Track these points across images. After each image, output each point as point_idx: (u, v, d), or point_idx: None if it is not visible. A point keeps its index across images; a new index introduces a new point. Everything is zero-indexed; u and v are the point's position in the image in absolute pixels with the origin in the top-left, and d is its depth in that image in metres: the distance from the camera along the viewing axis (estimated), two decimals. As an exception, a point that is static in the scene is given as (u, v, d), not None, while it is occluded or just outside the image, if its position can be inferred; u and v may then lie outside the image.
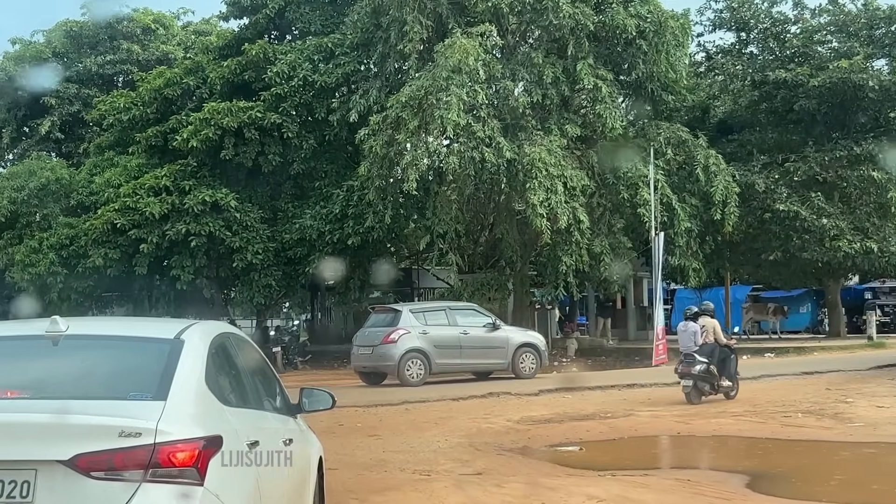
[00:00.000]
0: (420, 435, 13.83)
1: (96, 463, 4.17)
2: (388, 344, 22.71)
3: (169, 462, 4.26)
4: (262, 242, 32.50)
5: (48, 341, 4.97)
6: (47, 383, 4.87)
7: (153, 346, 5.13)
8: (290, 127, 32.46)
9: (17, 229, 35.78)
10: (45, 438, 4.23)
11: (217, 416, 4.84)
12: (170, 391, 4.59)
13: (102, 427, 4.25)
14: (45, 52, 42.89)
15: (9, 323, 7.25)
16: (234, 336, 6.13)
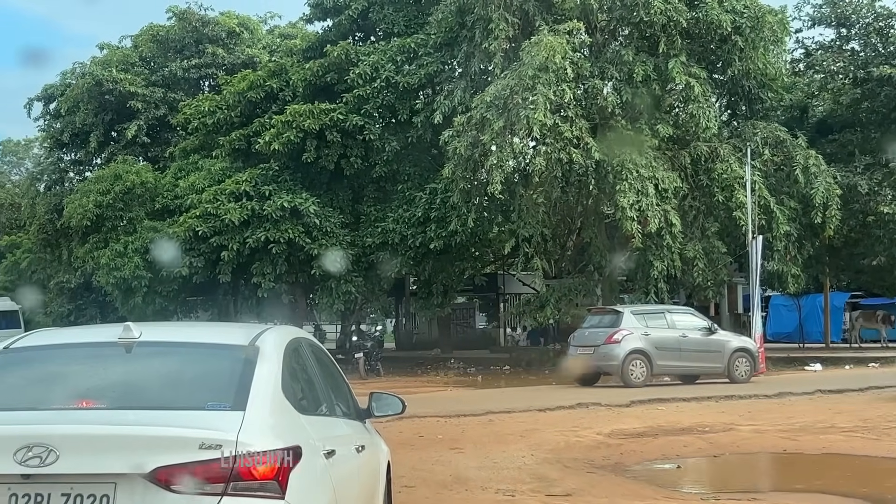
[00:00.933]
0: (504, 449, 12.97)
1: (176, 476, 4.08)
2: (611, 344, 22.79)
3: (250, 475, 4.16)
4: (342, 249, 31.95)
5: (121, 348, 4.91)
6: (122, 392, 4.79)
7: (228, 353, 5.01)
8: (373, 129, 31.91)
9: (102, 233, 35.93)
10: (124, 451, 4.12)
11: (294, 425, 4.73)
12: (248, 401, 4.48)
13: (182, 439, 4.15)
14: (132, 57, 43.10)
15: (82, 328, 7.33)
16: (304, 340, 5.98)
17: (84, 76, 41.71)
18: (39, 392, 4.82)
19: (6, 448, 4.07)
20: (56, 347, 5.34)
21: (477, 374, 30.24)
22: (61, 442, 4.08)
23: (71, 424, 4.29)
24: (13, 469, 4.05)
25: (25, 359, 5.15)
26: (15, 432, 4.17)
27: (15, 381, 4.97)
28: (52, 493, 4.09)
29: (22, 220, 50.59)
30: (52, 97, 43.75)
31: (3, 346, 5.23)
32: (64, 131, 42.72)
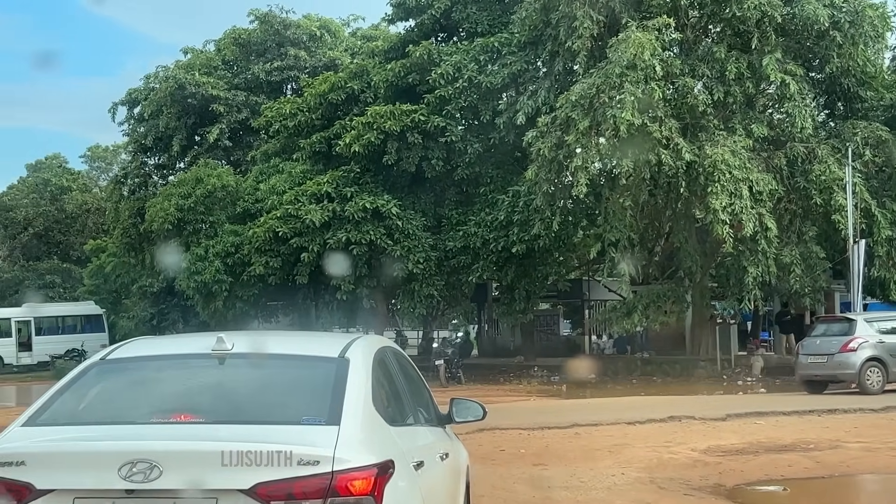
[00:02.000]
0: (592, 466, 12.08)
1: (276, 492, 4.12)
2: (847, 352, 22.45)
3: (347, 491, 4.19)
4: (424, 251, 31.33)
5: (214, 360, 4.96)
6: (218, 406, 4.86)
7: (319, 366, 5.08)
8: (455, 130, 31.22)
9: (184, 237, 35.87)
10: (225, 467, 4.12)
11: (386, 438, 4.78)
12: (342, 415, 4.51)
13: (281, 455, 4.15)
14: (215, 60, 43.16)
15: (175, 338, 7.56)
16: (389, 349, 6.04)
17: (167, 80, 41.85)
18: (138, 405, 4.89)
19: (111, 463, 4.11)
20: (150, 359, 5.41)
21: (561, 383, 29.32)
22: (164, 458, 4.12)
23: (173, 440, 4.33)
24: (118, 484, 4.10)
25: (122, 370, 5.21)
26: (120, 448, 4.22)
27: (113, 393, 5.07)
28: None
29: (107, 225, 51.07)
30: (136, 101, 44.02)
31: (99, 358, 5.28)
32: (147, 135, 42.95)
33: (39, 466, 4.21)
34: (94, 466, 4.17)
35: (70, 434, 4.47)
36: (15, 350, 47.35)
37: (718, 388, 25.48)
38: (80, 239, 58.60)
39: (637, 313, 28.09)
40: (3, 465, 4.21)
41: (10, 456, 4.24)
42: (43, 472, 4.19)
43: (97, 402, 4.93)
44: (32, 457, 4.25)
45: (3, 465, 4.21)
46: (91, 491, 4.15)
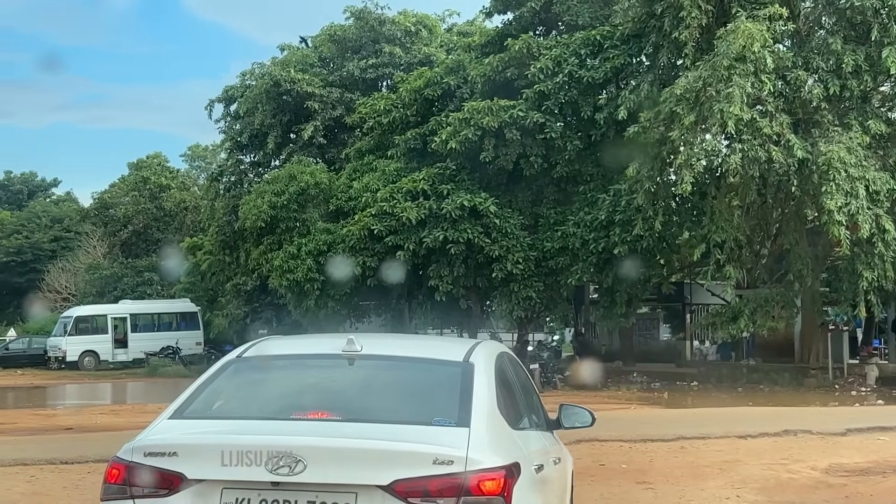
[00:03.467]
0: (701, 486, 11.00)
1: (413, 489, 4.28)
2: None
3: (479, 491, 4.34)
4: (522, 251, 30.40)
5: (344, 361, 5.20)
6: (352, 404, 5.06)
7: (445, 369, 5.26)
8: (554, 127, 30.20)
9: (276, 234, 35.61)
10: (365, 463, 4.33)
11: (511, 442, 4.94)
12: (471, 417, 4.68)
13: (418, 454, 4.36)
14: (311, 57, 42.87)
15: (304, 339, 7.66)
16: (506, 354, 6.13)
17: (263, 77, 41.67)
18: (276, 402, 5.14)
19: (258, 457, 4.31)
20: (284, 358, 5.67)
21: (662, 390, 28.08)
22: (308, 453, 4.32)
23: (317, 437, 4.51)
24: (264, 477, 4.30)
25: (257, 368, 5.48)
26: (267, 442, 4.40)
27: (251, 389, 5.34)
28: (299, 500, 4.35)
29: (203, 223, 51.25)
30: (232, 99, 43.98)
31: (235, 356, 5.53)
32: (243, 132, 42.86)
33: (190, 457, 4.44)
34: (242, 459, 4.35)
35: (217, 427, 4.78)
36: (111, 347, 47.70)
37: (832, 399, 24.05)
38: (178, 237, 58.98)
39: (744, 318, 26.73)
40: (157, 456, 4.44)
41: (163, 447, 4.48)
42: (194, 462, 4.42)
43: (237, 397, 5.23)
44: (184, 448, 4.49)
45: (157, 456, 4.44)
46: (239, 482, 4.37)
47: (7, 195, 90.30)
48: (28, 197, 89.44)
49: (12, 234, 74.50)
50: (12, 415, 21.82)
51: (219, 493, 4.39)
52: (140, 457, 4.49)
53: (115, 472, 4.58)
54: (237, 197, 41.36)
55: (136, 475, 4.47)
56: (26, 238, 73.34)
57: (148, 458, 4.46)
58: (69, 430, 17.55)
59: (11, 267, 72.27)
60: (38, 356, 48.46)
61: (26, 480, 10.87)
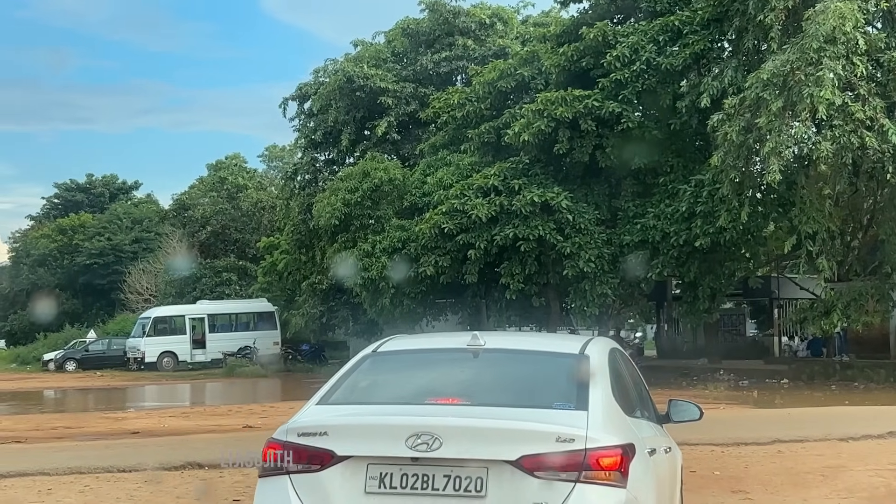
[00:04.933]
0: (804, 495, 10.03)
1: (538, 464, 4.65)
2: None
3: (598, 466, 4.69)
4: (596, 248, 29.38)
5: (470, 354, 5.64)
6: (479, 392, 5.46)
7: (563, 361, 5.62)
8: (631, 116, 29.17)
9: (350, 232, 35.13)
10: (495, 441, 4.75)
11: (625, 425, 5.26)
12: (588, 402, 5.06)
13: (542, 433, 4.77)
14: (384, 52, 42.40)
15: (431, 336, 8.45)
16: (617, 350, 6.41)
17: (336, 73, 41.30)
18: (411, 389, 5.58)
19: (399, 435, 4.73)
20: (414, 352, 6.25)
21: (751, 389, 26.93)
22: (444, 432, 4.72)
23: (451, 417, 4.92)
24: (405, 453, 4.71)
25: (391, 361, 5.95)
26: (407, 422, 4.84)
27: (387, 379, 5.75)
28: (436, 475, 4.74)
29: (279, 222, 51.16)
30: (306, 96, 43.73)
31: (371, 351, 6.02)
32: (317, 130, 42.61)
33: (339, 436, 4.87)
34: (384, 437, 4.83)
35: (360, 411, 5.23)
36: (189, 347, 47.79)
37: (932, 397, 22.65)
38: (256, 236, 59.08)
39: (836, 313, 25.52)
40: (309, 436, 4.90)
41: (314, 427, 4.94)
42: (342, 441, 4.85)
43: (375, 386, 5.65)
44: (333, 428, 4.93)
45: (309, 436, 4.90)
46: (382, 458, 4.79)
47: (89, 198, 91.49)
48: (109, 199, 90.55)
49: (94, 237, 75.45)
50: (81, 418, 21.55)
51: (364, 467, 4.82)
52: (294, 437, 4.95)
53: (272, 451, 5.01)
54: (312, 195, 41.05)
55: (291, 453, 4.92)
56: (108, 240, 74.19)
57: (301, 438, 4.92)
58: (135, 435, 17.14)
59: (94, 269, 73.16)
60: (118, 357, 48.78)
61: (79, 491, 10.34)
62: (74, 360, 49.87)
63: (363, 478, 4.80)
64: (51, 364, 50.19)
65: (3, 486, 10.58)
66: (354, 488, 4.80)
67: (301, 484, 4.87)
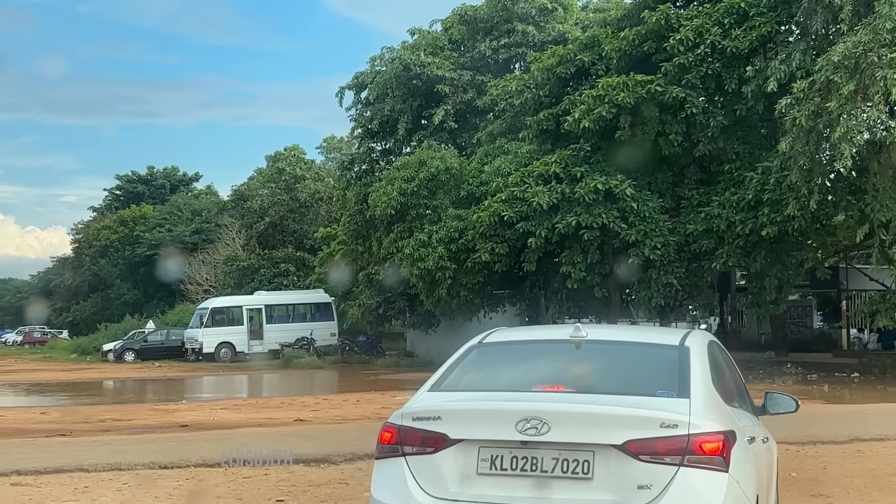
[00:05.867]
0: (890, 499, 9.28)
1: (643, 448, 4.85)
2: None
3: (701, 451, 4.85)
4: (661, 236, 28.55)
5: (572, 345, 5.83)
6: (583, 380, 5.66)
7: (663, 351, 5.81)
8: (695, 102, 28.24)
9: (406, 222, 34.66)
10: (601, 426, 4.94)
11: (724, 413, 5.40)
12: (690, 390, 5.23)
13: (647, 419, 4.93)
14: (441, 40, 41.81)
15: (533, 328, 9.53)
16: (715, 343, 6.45)
17: (393, 62, 40.80)
18: (517, 377, 5.78)
19: (509, 420, 5.01)
20: (519, 343, 6.53)
21: (821, 383, 25.96)
22: (552, 417, 4.97)
23: (559, 403, 5.19)
24: (515, 437, 4.99)
25: (496, 351, 6.17)
26: (517, 408, 5.11)
27: (494, 368, 5.98)
28: (545, 458, 5.00)
29: (336, 213, 50.90)
30: (362, 85, 43.30)
31: (477, 342, 6.21)
32: (373, 119, 42.18)
33: (452, 421, 5.14)
34: (495, 422, 5.08)
35: (471, 397, 5.48)
36: (247, 338, 47.68)
37: None
38: (313, 228, 58.97)
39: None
40: (423, 420, 5.18)
41: (428, 412, 5.21)
42: (454, 425, 5.11)
43: (482, 374, 5.88)
44: (446, 413, 5.19)
45: (423, 420, 5.18)
46: (493, 441, 5.04)
47: (150, 190, 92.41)
48: (170, 191, 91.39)
49: (155, 228, 76.09)
50: (131, 410, 21.22)
51: (476, 450, 5.07)
52: (409, 421, 5.25)
53: (388, 434, 5.33)
54: (368, 185, 40.60)
55: (406, 436, 5.23)
56: (168, 231, 74.76)
57: (416, 422, 5.22)
58: (184, 428, 16.73)
59: (154, 260, 73.74)
60: (176, 348, 48.84)
61: (116, 489, 9.88)
62: (133, 350, 50.05)
63: (475, 460, 5.06)
64: (110, 354, 50.44)
65: (39, 484, 10.17)
66: (467, 469, 5.07)
67: (416, 465, 5.17)
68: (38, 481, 10.31)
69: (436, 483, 5.09)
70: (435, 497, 5.08)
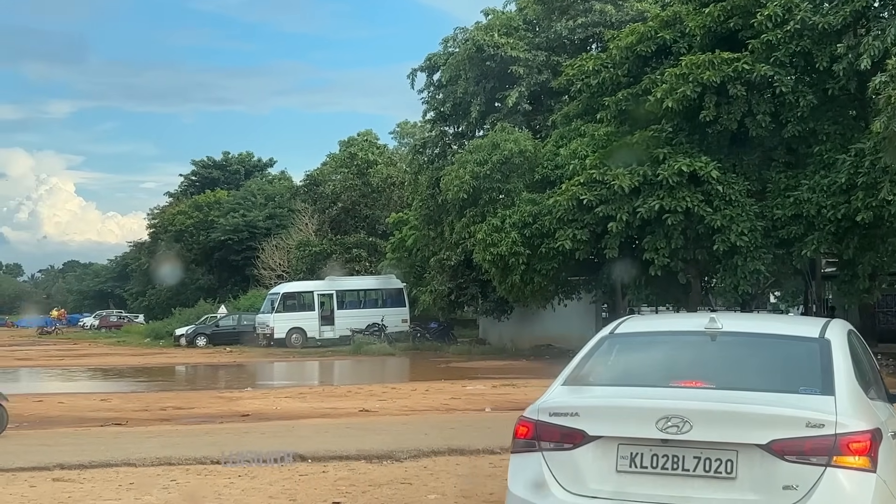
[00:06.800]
0: None
1: (788, 448, 4.76)
2: None
3: (848, 451, 4.76)
4: (748, 220, 27.27)
5: (707, 337, 5.69)
6: (722, 375, 5.49)
7: (804, 344, 5.64)
8: (784, 80, 26.83)
9: (479, 206, 33.81)
10: (744, 425, 4.85)
11: (870, 410, 5.28)
12: (834, 387, 5.11)
13: (792, 418, 4.84)
14: (515, 20, 40.68)
15: (666, 317, 9.30)
16: (854, 332, 6.29)
17: (465, 42, 39.83)
18: (652, 371, 5.76)
19: (650, 417, 4.97)
20: (651, 334, 6.38)
21: (916, 377, 24.61)
22: (694, 415, 4.89)
23: (700, 401, 5.05)
24: (655, 434, 4.94)
25: (629, 342, 6.08)
26: (657, 405, 5.04)
27: (627, 360, 5.95)
28: (686, 456, 4.92)
29: (408, 197, 50.21)
30: (434, 67, 42.38)
31: (608, 332, 6.12)
32: (446, 102, 41.28)
33: (590, 417, 5.16)
34: (635, 419, 5.07)
35: (608, 392, 5.47)
36: (318, 324, 47.20)
37: None
38: (385, 213, 58.37)
39: None
40: (560, 416, 5.22)
41: (565, 408, 5.25)
42: (593, 422, 5.13)
43: (616, 367, 5.83)
44: (584, 409, 5.22)
45: (560, 416, 5.22)
46: (632, 439, 5.04)
47: (225, 175, 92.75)
48: (245, 176, 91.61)
49: (229, 213, 76.17)
50: (194, 398, 20.62)
51: (615, 447, 5.03)
52: (546, 416, 5.23)
53: (524, 429, 5.33)
54: (440, 169, 39.74)
55: (543, 431, 5.22)
56: (242, 216, 74.81)
57: (553, 418, 5.20)
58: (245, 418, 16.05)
59: (229, 245, 73.93)
60: (248, 333, 48.53)
61: (163, 486, 9.16)
62: (205, 335, 49.87)
63: (614, 457, 5.03)
64: (182, 339, 50.36)
65: (82, 479, 9.50)
66: (606, 467, 5.03)
67: (554, 461, 5.15)
68: (82, 476, 9.64)
69: (574, 479, 5.08)
70: (574, 493, 5.06)
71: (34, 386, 27.16)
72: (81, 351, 48.04)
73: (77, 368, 35.45)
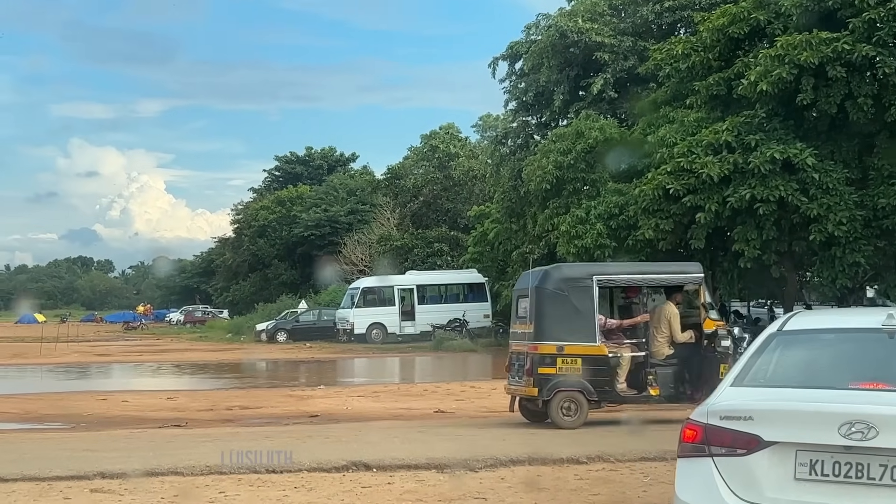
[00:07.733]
0: None
1: None
2: None
3: None
4: (847, 210, 25.65)
5: (885, 334, 5.35)
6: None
7: None
8: (888, 61, 25.05)
9: (563, 197, 32.73)
10: None
11: None
12: None
13: None
14: (600, 5, 39.38)
15: (837, 312, 9.06)
16: None
17: (548, 29, 38.71)
18: (828, 371, 5.48)
19: (831, 423, 4.73)
20: (822, 331, 6.04)
21: None
22: (880, 421, 4.66)
23: (885, 405, 4.76)
24: (837, 441, 4.70)
25: (798, 340, 5.79)
26: (839, 410, 4.79)
27: (798, 360, 5.69)
28: (871, 464, 4.68)
29: (489, 190, 49.33)
30: (517, 55, 41.35)
31: (776, 329, 5.85)
32: (528, 91, 40.25)
33: (765, 422, 4.95)
34: (815, 424, 4.81)
35: (783, 395, 5.19)
36: (398, 319, 46.54)
37: None
38: (467, 206, 57.55)
39: None
40: (733, 419, 5.03)
41: (738, 412, 5.06)
42: (769, 426, 4.93)
43: (788, 367, 5.62)
44: (759, 413, 5.01)
45: (733, 419, 5.03)
46: (812, 445, 4.81)
47: (308, 170, 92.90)
48: (327, 172, 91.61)
49: (311, 208, 76.10)
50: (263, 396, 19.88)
51: (793, 453, 4.85)
52: (716, 419, 5.09)
53: (692, 432, 5.19)
54: (522, 160, 38.71)
55: (713, 436, 5.06)
56: (325, 211, 74.66)
57: (724, 421, 5.05)
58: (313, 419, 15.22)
59: (311, 240, 73.81)
60: (328, 329, 48.07)
61: (209, 499, 8.31)
62: (285, 330, 49.57)
63: (792, 464, 4.83)
64: (263, 334, 50.13)
65: (122, 490, 8.70)
66: (783, 474, 4.84)
67: (726, 467, 4.95)
68: (123, 487, 8.83)
69: (748, 487, 4.89)
70: (749, 502, 4.88)
71: (102, 383, 26.85)
72: (162, 346, 48.07)
73: (152, 364, 35.19)
